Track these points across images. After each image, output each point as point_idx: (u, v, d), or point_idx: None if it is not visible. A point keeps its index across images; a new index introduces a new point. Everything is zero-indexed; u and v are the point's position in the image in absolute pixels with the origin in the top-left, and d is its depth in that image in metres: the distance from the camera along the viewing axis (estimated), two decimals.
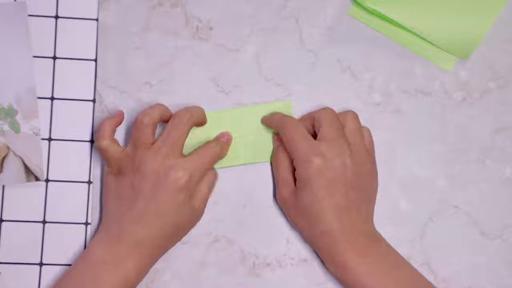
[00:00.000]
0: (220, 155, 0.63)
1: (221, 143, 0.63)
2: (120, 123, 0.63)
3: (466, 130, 0.66)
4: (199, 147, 0.62)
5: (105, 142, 0.61)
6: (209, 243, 0.64)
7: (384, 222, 0.65)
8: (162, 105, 0.62)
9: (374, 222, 0.63)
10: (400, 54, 0.67)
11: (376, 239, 0.61)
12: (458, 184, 0.66)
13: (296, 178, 0.60)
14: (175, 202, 0.59)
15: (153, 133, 0.61)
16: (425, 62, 0.67)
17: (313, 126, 0.62)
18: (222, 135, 0.64)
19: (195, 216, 0.62)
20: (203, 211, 0.62)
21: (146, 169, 0.59)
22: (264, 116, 0.65)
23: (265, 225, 0.65)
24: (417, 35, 0.66)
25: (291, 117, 0.62)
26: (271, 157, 0.65)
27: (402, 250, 0.64)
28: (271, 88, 0.66)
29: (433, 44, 0.66)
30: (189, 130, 0.61)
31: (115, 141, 0.62)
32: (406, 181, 0.65)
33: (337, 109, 0.65)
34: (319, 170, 0.58)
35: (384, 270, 0.58)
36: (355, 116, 0.62)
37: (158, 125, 0.62)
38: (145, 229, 0.59)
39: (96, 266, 0.58)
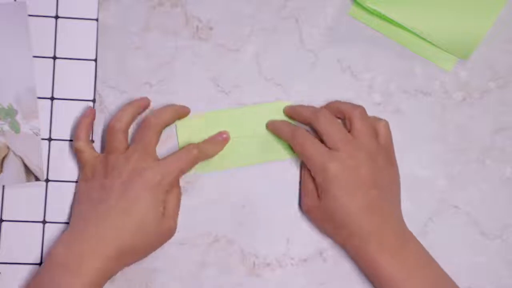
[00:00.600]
0: (199, 158, 0.62)
1: (201, 146, 0.62)
2: (93, 120, 0.63)
3: (466, 130, 0.66)
4: (178, 150, 0.62)
5: (80, 144, 0.62)
6: (209, 243, 0.64)
7: None
8: (133, 106, 0.62)
9: None
10: (400, 54, 0.67)
11: (406, 237, 0.61)
12: (458, 184, 0.66)
13: (317, 187, 0.61)
14: (144, 202, 0.58)
15: (126, 138, 0.61)
16: (425, 62, 0.67)
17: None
18: (220, 134, 0.64)
19: (165, 227, 0.60)
20: (174, 226, 0.62)
21: (117, 173, 0.59)
22: (271, 124, 0.64)
23: (265, 225, 0.65)
24: (417, 35, 0.66)
25: (300, 129, 0.62)
26: (273, 157, 0.65)
27: None
28: (271, 88, 0.66)
29: (433, 44, 0.66)
30: (160, 132, 0.61)
31: (90, 144, 0.63)
32: (406, 181, 0.65)
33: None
34: (336, 175, 0.58)
35: (413, 269, 0.59)
36: (362, 112, 0.61)
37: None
38: (110, 226, 0.58)
39: (58, 266, 0.57)
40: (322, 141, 0.61)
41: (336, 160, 0.59)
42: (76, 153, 0.62)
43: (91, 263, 0.57)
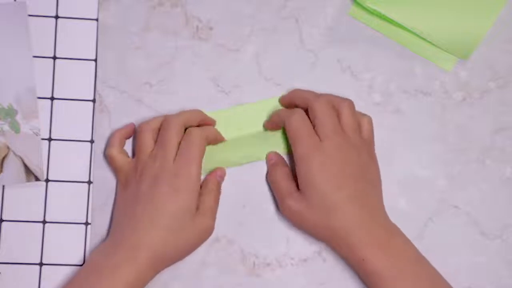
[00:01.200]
0: (204, 135, 0.61)
1: (204, 129, 0.62)
2: (130, 135, 0.64)
3: (466, 130, 0.66)
4: (181, 143, 0.60)
5: (112, 150, 0.62)
6: (209, 243, 0.64)
7: None
8: (161, 116, 0.63)
9: None
10: (400, 54, 0.67)
11: (394, 231, 0.60)
12: (458, 184, 0.66)
13: (299, 179, 0.60)
14: (169, 208, 0.58)
15: (153, 139, 0.61)
16: (425, 62, 0.67)
17: (306, 109, 0.62)
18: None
19: (200, 227, 0.60)
20: (212, 225, 0.61)
21: (145, 175, 0.59)
22: (268, 120, 0.64)
23: (265, 225, 0.65)
24: (417, 35, 0.66)
25: (299, 110, 0.61)
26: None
27: None
28: (271, 88, 0.66)
29: (433, 44, 0.66)
30: (181, 131, 0.61)
31: (123, 151, 0.63)
32: (406, 181, 0.65)
33: None
34: (321, 165, 0.58)
35: (403, 264, 0.58)
36: (351, 105, 0.61)
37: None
38: (142, 233, 0.58)
39: (94, 273, 0.58)
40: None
41: (323, 152, 0.58)
42: (109, 160, 0.63)
43: (125, 272, 0.57)
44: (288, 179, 0.62)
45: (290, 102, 0.64)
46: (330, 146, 0.59)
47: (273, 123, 0.64)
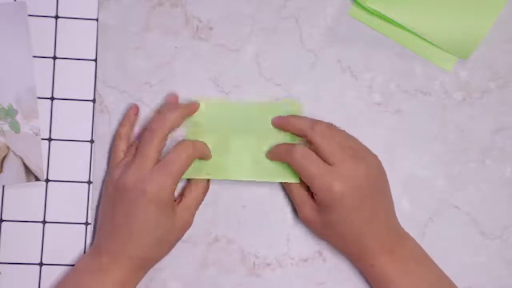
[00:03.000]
0: (195, 155, 0.60)
1: (196, 144, 0.61)
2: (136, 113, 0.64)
3: (466, 130, 0.66)
4: (170, 151, 0.59)
5: (124, 129, 0.63)
6: (209, 243, 0.64)
7: None
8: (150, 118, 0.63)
9: None
10: (400, 54, 0.67)
11: (403, 236, 0.61)
12: (458, 184, 0.66)
13: (318, 202, 0.59)
14: (150, 217, 0.58)
15: (127, 144, 0.63)
16: (425, 62, 0.67)
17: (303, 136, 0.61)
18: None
19: (180, 226, 0.60)
20: (189, 220, 0.61)
21: (122, 183, 0.58)
22: (269, 153, 0.63)
23: (265, 225, 0.65)
24: (417, 35, 0.66)
25: (299, 146, 0.60)
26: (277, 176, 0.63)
27: None
28: (271, 88, 0.66)
29: (433, 44, 0.66)
30: (164, 139, 0.60)
31: (125, 144, 0.63)
32: (406, 181, 0.65)
33: (337, 109, 0.65)
34: (342, 194, 0.57)
35: (410, 268, 0.59)
36: (330, 127, 0.61)
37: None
38: (126, 244, 0.58)
39: (83, 275, 0.59)
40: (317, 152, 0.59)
41: (340, 178, 0.57)
42: (116, 137, 0.63)
43: (112, 274, 0.58)
44: (300, 186, 0.62)
45: (285, 129, 0.63)
46: (343, 172, 0.58)
47: (274, 155, 0.63)
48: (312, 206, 0.60)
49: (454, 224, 0.65)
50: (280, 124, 0.63)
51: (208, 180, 0.63)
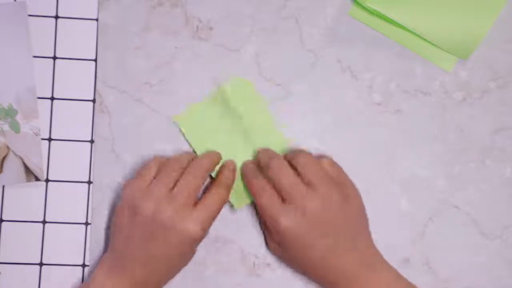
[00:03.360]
0: (229, 190, 0.62)
1: (223, 181, 0.62)
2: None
3: (466, 130, 0.66)
4: (208, 193, 0.60)
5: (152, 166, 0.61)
6: (209, 243, 0.64)
7: (385, 222, 0.65)
8: (192, 154, 0.63)
9: (374, 223, 0.63)
10: (400, 54, 0.67)
11: (373, 266, 0.60)
12: (458, 184, 0.66)
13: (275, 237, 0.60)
14: (184, 252, 0.60)
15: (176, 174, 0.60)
16: (425, 62, 0.67)
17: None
18: (228, 164, 0.63)
19: (192, 255, 0.62)
20: (201, 234, 0.61)
21: (161, 216, 0.58)
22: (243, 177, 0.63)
23: None
24: (417, 35, 0.66)
25: (256, 176, 0.61)
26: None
27: (402, 250, 0.64)
28: (271, 88, 0.66)
29: (433, 44, 0.66)
30: (205, 178, 0.61)
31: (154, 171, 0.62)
32: (406, 181, 0.65)
33: (337, 109, 0.65)
34: (288, 230, 0.57)
35: None
36: (307, 158, 0.60)
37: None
38: (150, 272, 0.59)
39: None
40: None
41: (288, 215, 0.57)
42: (141, 170, 0.61)
43: None
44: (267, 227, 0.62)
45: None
46: (293, 209, 0.58)
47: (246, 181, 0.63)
48: (275, 241, 0.61)
49: (454, 224, 0.65)
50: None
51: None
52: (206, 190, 0.63)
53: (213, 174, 0.64)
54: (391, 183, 0.65)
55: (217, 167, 0.63)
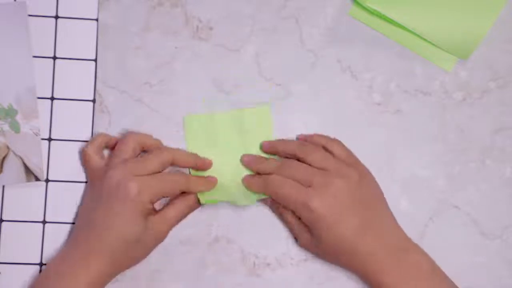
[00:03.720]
0: (189, 185, 0.61)
1: (191, 179, 0.62)
2: (113, 145, 0.63)
3: (466, 130, 0.66)
4: (169, 173, 0.61)
5: (90, 149, 0.62)
6: (209, 243, 0.64)
7: None
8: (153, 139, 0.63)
9: None
10: (400, 54, 0.67)
11: (405, 247, 0.60)
12: (458, 184, 0.66)
13: (307, 225, 0.61)
14: (124, 214, 0.58)
15: (134, 151, 0.61)
16: (425, 62, 0.67)
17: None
18: (209, 178, 0.63)
19: (151, 236, 0.60)
20: (162, 233, 0.61)
21: (110, 176, 0.58)
22: (245, 179, 0.63)
23: (265, 225, 0.65)
24: (417, 35, 0.66)
25: (269, 178, 0.61)
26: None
27: None
28: (271, 88, 0.66)
29: (433, 44, 0.66)
30: (163, 166, 0.60)
31: (99, 152, 0.62)
32: (406, 181, 0.65)
33: (337, 109, 0.65)
34: (321, 212, 0.58)
35: (415, 282, 0.59)
36: (314, 146, 0.62)
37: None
38: (96, 238, 0.58)
39: (50, 279, 0.58)
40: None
41: (316, 196, 0.59)
42: (84, 157, 0.62)
43: (83, 274, 0.57)
44: (292, 216, 0.62)
45: (274, 152, 0.64)
46: (318, 190, 0.59)
47: (251, 186, 0.63)
48: (307, 234, 0.61)
49: (454, 224, 0.65)
50: (269, 149, 0.64)
51: (198, 200, 0.63)
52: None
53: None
54: (391, 183, 0.65)
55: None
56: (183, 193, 0.62)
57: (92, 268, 0.57)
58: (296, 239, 0.64)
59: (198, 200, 0.62)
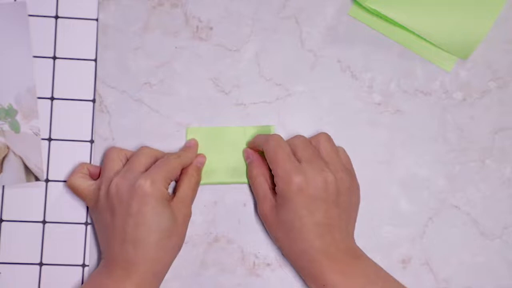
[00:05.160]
0: (183, 164, 0.62)
1: (182, 154, 0.62)
2: (96, 174, 0.63)
3: (466, 130, 0.66)
4: (161, 159, 0.61)
5: (73, 178, 0.61)
6: (209, 243, 0.64)
7: (384, 222, 0.65)
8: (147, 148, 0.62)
9: (374, 222, 0.63)
10: (400, 54, 0.67)
11: (356, 255, 0.60)
12: (458, 184, 0.66)
13: (277, 195, 0.60)
14: (148, 209, 0.58)
15: (122, 162, 0.61)
16: (425, 62, 0.67)
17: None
18: (199, 158, 0.64)
19: (181, 219, 0.60)
20: (187, 212, 0.61)
21: (115, 189, 0.58)
22: (250, 142, 0.64)
23: None
24: (417, 35, 0.66)
25: (276, 135, 0.61)
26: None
27: (402, 250, 0.64)
28: (271, 88, 0.66)
29: (433, 44, 0.66)
30: (152, 158, 0.61)
31: (85, 177, 0.62)
32: (406, 181, 0.65)
33: (337, 109, 0.65)
34: (300, 188, 0.58)
35: (363, 285, 0.57)
36: (327, 136, 0.62)
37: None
38: (132, 246, 0.58)
39: None
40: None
41: (304, 174, 0.58)
42: (72, 189, 0.62)
43: (129, 282, 0.57)
44: (265, 182, 0.62)
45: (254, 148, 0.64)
46: (311, 170, 0.59)
47: (252, 144, 0.64)
48: (272, 202, 0.61)
49: (454, 224, 0.65)
50: (258, 144, 0.64)
51: (197, 172, 0.63)
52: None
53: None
54: (391, 183, 0.65)
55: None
56: (181, 175, 0.63)
57: (137, 279, 0.57)
58: (257, 205, 0.63)
59: (197, 171, 0.63)
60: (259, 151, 0.63)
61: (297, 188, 0.58)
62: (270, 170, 0.61)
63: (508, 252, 0.65)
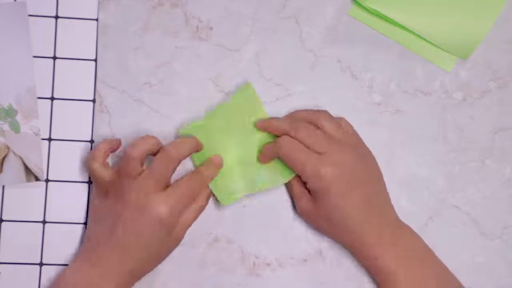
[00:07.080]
0: (205, 183, 0.62)
1: (203, 172, 0.62)
2: (116, 149, 0.63)
3: (466, 130, 0.66)
4: (181, 179, 0.61)
5: (95, 164, 0.61)
6: (209, 243, 0.64)
7: None
8: (153, 138, 0.60)
9: None
10: (400, 54, 0.67)
11: (402, 229, 0.62)
12: (458, 184, 0.66)
13: (310, 191, 0.61)
14: (154, 236, 0.58)
15: (142, 164, 0.60)
16: (425, 62, 0.67)
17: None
18: (215, 157, 0.63)
19: (174, 243, 0.61)
20: (182, 237, 0.61)
21: (129, 199, 0.58)
22: (261, 157, 0.63)
23: (265, 225, 0.65)
24: (417, 35, 0.66)
25: (283, 138, 0.61)
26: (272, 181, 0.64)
27: None
28: (271, 88, 0.66)
29: (433, 44, 0.66)
30: (177, 166, 0.60)
31: (105, 164, 0.61)
32: (406, 181, 0.65)
33: (337, 109, 0.65)
34: (331, 180, 0.59)
35: (414, 262, 0.60)
36: (327, 114, 0.62)
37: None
38: (121, 257, 0.58)
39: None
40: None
41: (328, 164, 0.59)
42: (90, 173, 0.61)
43: (104, 286, 0.58)
44: (300, 184, 0.62)
45: (268, 131, 0.64)
46: (331, 158, 0.59)
47: (265, 157, 0.63)
48: (308, 198, 0.61)
49: (454, 224, 0.65)
50: (263, 127, 0.63)
51: (207, 200, 0.63)
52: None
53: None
54: (391, 183, 0.65)
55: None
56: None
57: (115, 281, 0.58)
58: (294, 205, 0.64)
59: (207, 199, 0.63)
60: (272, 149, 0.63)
61: (327, 180, 0.59)
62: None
63: (508, 252, 0.65)
